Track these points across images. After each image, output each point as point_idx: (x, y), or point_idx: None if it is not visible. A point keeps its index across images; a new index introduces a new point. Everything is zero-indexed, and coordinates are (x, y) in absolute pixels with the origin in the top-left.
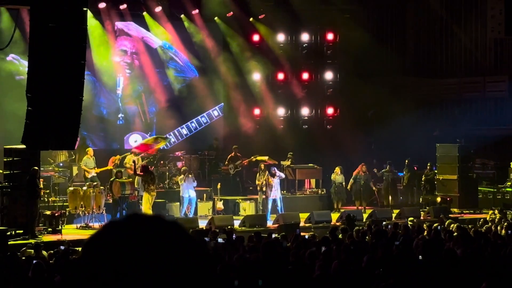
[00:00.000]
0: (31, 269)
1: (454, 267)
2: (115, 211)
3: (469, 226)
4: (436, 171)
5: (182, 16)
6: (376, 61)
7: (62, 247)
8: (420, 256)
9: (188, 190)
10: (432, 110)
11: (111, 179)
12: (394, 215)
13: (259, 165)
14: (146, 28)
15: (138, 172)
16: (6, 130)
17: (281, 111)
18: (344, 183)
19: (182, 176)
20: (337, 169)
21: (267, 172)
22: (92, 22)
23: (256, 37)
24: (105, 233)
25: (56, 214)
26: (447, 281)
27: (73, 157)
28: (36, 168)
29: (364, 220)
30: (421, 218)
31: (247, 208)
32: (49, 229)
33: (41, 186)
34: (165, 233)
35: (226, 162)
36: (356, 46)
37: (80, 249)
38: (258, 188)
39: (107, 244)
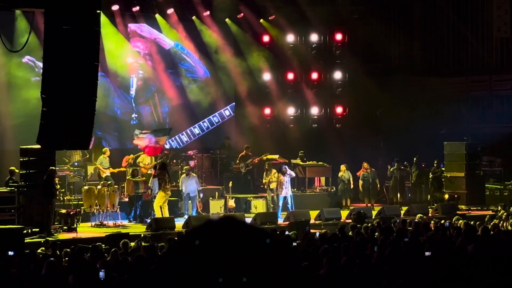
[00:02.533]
0: (45, 267)
1: (463, 263)
2: (130, 209)
3: (477, 222)
4: (443, 169)
5: (194, 17)
6: (384, 61)
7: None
8: (427, 253)
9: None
10: (439, 108)
11: (128, 177)
12: (402, 212)
13: (265, 165)
14: (159, 29)
15: (153, 172)
16: (21, 131)
17: (291, 110)
18: (351, 180)
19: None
20: (343, 167)
21: (273, 170)
22: (105, 24)
23: (266, 38)
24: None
25: (71, 213)
26: (455, 277)
27: (87, 156)
28: (54, 168)
29: (373, 217)
30: (429, 215)
31: (258, 205)
32: (65, 227)
33: (58, 186)
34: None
35: (238, 161)
36: (364, 46)
37: (91, 246)
38: (266, 186)
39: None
